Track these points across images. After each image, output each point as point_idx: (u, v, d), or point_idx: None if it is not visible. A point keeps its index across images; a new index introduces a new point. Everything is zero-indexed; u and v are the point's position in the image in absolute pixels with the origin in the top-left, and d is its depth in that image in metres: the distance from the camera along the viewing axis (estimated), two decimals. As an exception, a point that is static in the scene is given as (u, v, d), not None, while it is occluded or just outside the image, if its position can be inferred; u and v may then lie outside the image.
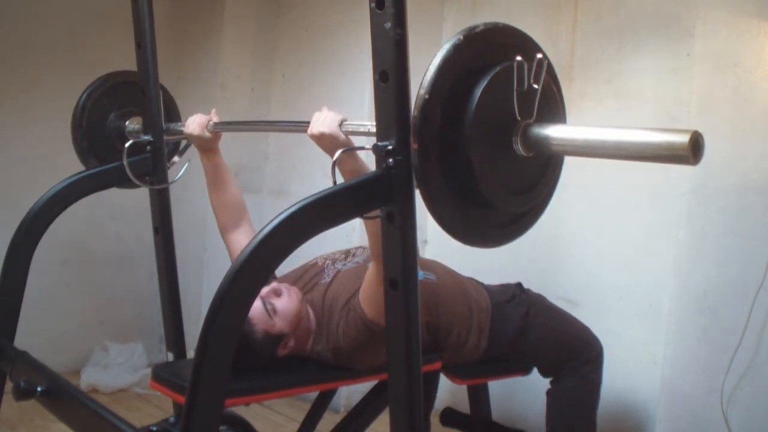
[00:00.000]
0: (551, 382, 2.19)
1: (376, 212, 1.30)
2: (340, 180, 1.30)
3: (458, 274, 2.19)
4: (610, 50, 2.68)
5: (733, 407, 2.26)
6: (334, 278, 2.00)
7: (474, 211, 1.25)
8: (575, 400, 2.16)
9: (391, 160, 1.24)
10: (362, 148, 1.49)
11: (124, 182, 1.99)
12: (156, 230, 2.07)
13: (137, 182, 1.98)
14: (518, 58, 1.18)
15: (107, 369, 3.24)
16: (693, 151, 1.04)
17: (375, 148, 1.26)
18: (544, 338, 2.16)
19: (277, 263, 1.25)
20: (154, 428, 1.77)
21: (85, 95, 2.14)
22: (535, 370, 2.24)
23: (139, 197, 2.15)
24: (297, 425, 2.23)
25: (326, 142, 1.55)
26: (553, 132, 1.20)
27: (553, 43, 2.78)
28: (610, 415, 2.52)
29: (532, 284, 2.33)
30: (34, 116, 3.15)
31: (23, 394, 1.61)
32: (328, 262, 2.09)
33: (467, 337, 2.06)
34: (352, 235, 2.97)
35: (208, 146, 2.01)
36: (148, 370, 2.73)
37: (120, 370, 3.24)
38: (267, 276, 1.29)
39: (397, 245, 1.28)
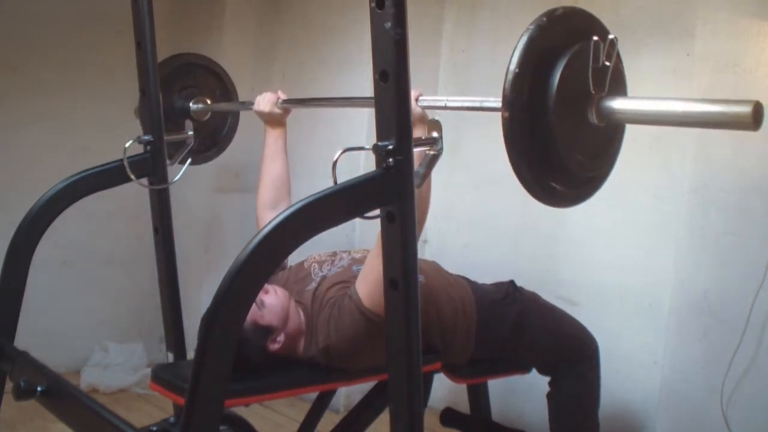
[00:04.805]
0: (549, 384, 2.19)
1: (376, 212, 1.30)
2: (340, 180, 1.30)
3: (446, 274, 2.18)
4: (610, 50, 2.68)
5: (733, 407, 2.26)
6: (320, 284, 2.00)
7: (551, 174, 1.34)
8: (575, 402, 2.16)
9: (391, 159, 1.24)
10: (362, 149, 1.49)
11: (124, 182, 1.99)
12: (156, 230, 2.07)
13: (137, 182, 1.98)
14: (595, 38, 1.28)
15: (107, 369, 3.24)
16: (755, 118, 1.17)
17: (375, 148, 1.26)
18: (539, 337, 2.16)
19: (278, 263, 1.26)
20: (154, 428, 1.77)
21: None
22: (534, 370, 2.24)
23: (139, 197, 2.15)
24: (297, 425, 2.23)
25: None
26: (624, 104, 1.33)
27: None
28: (610, 415, 2.52)
29: (531, 284, 2.33)
30: (34, 116, 3.14)
31: (23, 394, 1.61)
32: (314, 264, 2.09)
33: (453, 339, 2.06)
34: (352, 235, 2.97)
35: (277, 121, 2.24)
36: (148, 370, 2.72)
37: (120, 370, 3.24)
38: (267, 276, 1.29)
39: (397, 245, 1.28)
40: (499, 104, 1.27)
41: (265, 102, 2.20)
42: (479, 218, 3.03)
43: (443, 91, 3.22)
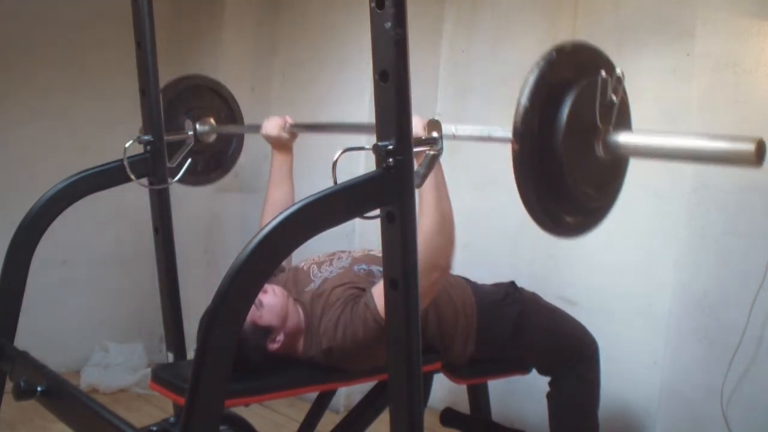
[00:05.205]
0: (549, 384, 2.19)
1: (376, 212, 1.30)
2: (340, 180, 1.30)
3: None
4: (610, 50, 2.66)
5: (733, 407, 2.26)
6: (321, 285, 1.99)
7: (559, 204, 1.36)
8: (575, 402, 2.16)
9: (391, 159, 1.24)
10: (362, 149, 1.49)
11: (124, 182, 1.99)
12: (156, 230, 2.07)
13: (137, 182, 1.98)
14: (603, 73, 1.31)
15: (107, 369, 3.24)
16: (758, 155, 1.18)
17: (375, 148, 1.26)
18: (539, 337, 2.16)
19: (278, 263, 1.26)
20: (154, 428, 1.77)
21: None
22: (534, 370, 2.24)
23: (139, 197, 2.15)
24: (297, 425, 2.23)
25: None
26: (629, 139, 1.36)
27: (553, 42, 2.77)
28: (610, 415, 2.52)
29: (531, 284, 2.33)
30: (33, 116, 3.15)
31: (23, 394, 1.61)
32: (313, 266, 2.09)
33: (453, 339, 2.06)
34: (353, 235, 2.97)
35: (284, 145, 2.21)
36: (148, 370, 2.72)
37: (120, 370, 3.24)
38: (267, 276, 1.29)
39: (397, 245, 1.28)
40: (508, 135, 1.29)
41: (272, 126, 2.18)
42: (479, 218, 3.03)
43: (443, 91, 3.22)
